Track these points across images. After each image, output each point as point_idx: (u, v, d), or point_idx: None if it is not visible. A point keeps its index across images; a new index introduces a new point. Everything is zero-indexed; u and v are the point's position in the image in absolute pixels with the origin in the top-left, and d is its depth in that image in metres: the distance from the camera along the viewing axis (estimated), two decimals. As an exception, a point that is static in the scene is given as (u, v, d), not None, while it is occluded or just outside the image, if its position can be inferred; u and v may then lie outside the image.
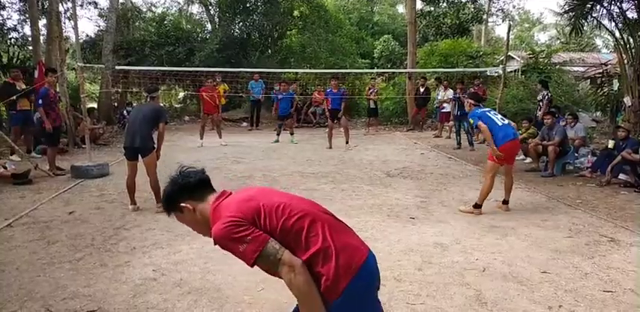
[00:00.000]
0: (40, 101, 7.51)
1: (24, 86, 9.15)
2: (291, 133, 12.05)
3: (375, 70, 19.51)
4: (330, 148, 10.83)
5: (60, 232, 4.78)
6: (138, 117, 5.57)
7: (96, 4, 20.95)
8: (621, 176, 7.24)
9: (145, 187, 6.71)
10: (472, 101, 5.91)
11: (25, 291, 3.44)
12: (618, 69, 10.36)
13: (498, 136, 5.42)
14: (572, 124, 8.63)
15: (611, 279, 3.73)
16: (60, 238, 4.57)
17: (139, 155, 5.56)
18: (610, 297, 3.42)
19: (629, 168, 7.05)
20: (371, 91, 14.64)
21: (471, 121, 5.80)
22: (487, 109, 5.86)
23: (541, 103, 10.20)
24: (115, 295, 3.39)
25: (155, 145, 5.59)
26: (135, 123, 5.54)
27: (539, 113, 9.80)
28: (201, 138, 11.29)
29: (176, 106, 20.65)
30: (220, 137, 11.46)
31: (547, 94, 10.21)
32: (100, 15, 22.39)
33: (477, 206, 5.54)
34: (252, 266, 1.85)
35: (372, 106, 14.68)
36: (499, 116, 5.66)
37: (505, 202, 5.74)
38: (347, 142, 10.78)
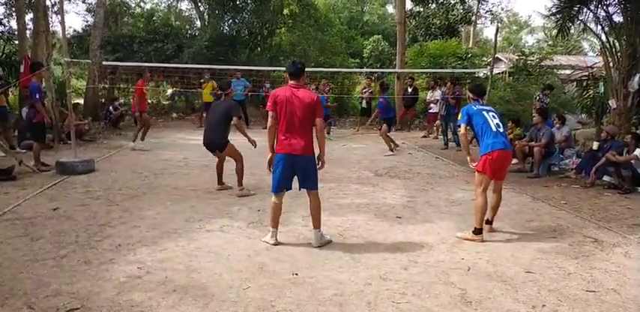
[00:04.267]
0: (37, 96, 7.42)
1: None
2: None
3: (364, 70, 19.55)
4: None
5: (44, 228, 4.72)
6: (213, 117, 6.24)
7: (83, -2, 20.77)
8: (605, 178, 7.34)
9: (133, 184, 6.68)
10: (471, 95, 5.07)
11: (7, 288, 3.39)
12: (604, 72, 10.47)
13: (487, 142, 4.64)
14: (559, 126, 8.72)
15: (594, 279, 3.78)
16: (44, 235, 4.52)
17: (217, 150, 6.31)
18: (593, 297, 3.46)
19: (613, 170, 7.14)
20: (365, 90, 14.66)
21: (459, 116, 4.95)
22: (487, 107, 4.93)
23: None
24: (98, 292, 3.35)
25: (227, 140, 6.25)
26: (211, 124, 6.27)
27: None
28: (141, 139, 10.03)
29: (164, 103, 20.51)
30: (143, 139, 10.10)
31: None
32: (88, 10, 22.23)
33: (478, 232, 4.64)
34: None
35: (365, 105, 14.69)
36: (497, 120, 4.73)
37: (488, 222, 4.92)
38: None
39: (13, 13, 16.33)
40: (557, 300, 3.40)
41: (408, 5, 20.48)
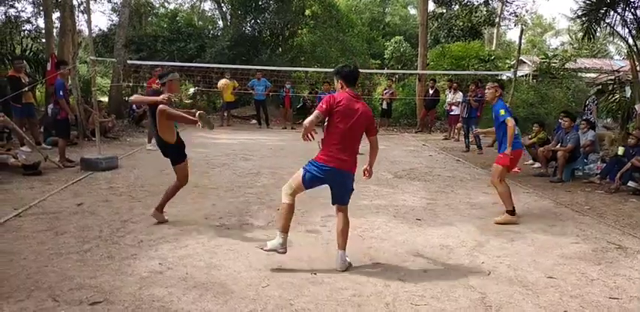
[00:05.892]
0: (61, 93, 7.58)
1: (27, 79, 9.15)
2: None
3: (385, 71, 19.49)
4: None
5: (68, 223, 4.81)
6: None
7: (109, -2, 21.13)
8: (630, 183, 7.18)
9: (154, 181, 6.75)
10: (501, 90, 5.70)
11: (32, 281, 3.46)
12: (630, 76, 10.28)
13: (515, 142, 5.30)
14: (585, 130, 8.58)
15: (617, 286, 3.71)
16: (68, 230, 4.61)
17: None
18: (616, 304, 3.40)
19: (639, 175, 7.00)
20: (386, 91, 14.62)
21: (502, 112, 5.37)
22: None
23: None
24: (121, 287, 3.41)
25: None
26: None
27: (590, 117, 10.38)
28: (149, 141, 9.84)
29: (186, 101, 20.71)
30: (149, 141, 9.76)
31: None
32: (113, 9, 22.61)
33: (512, 213, 5.27)
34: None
35: (385, 106, 14.66)
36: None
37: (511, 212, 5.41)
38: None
39: (41, 12, 16.68)
40: (580, 306, 3.34)
41: (431, 6, 20.36)
